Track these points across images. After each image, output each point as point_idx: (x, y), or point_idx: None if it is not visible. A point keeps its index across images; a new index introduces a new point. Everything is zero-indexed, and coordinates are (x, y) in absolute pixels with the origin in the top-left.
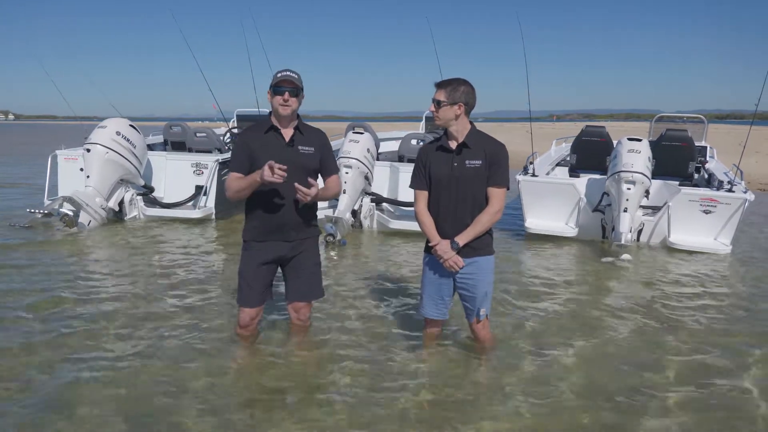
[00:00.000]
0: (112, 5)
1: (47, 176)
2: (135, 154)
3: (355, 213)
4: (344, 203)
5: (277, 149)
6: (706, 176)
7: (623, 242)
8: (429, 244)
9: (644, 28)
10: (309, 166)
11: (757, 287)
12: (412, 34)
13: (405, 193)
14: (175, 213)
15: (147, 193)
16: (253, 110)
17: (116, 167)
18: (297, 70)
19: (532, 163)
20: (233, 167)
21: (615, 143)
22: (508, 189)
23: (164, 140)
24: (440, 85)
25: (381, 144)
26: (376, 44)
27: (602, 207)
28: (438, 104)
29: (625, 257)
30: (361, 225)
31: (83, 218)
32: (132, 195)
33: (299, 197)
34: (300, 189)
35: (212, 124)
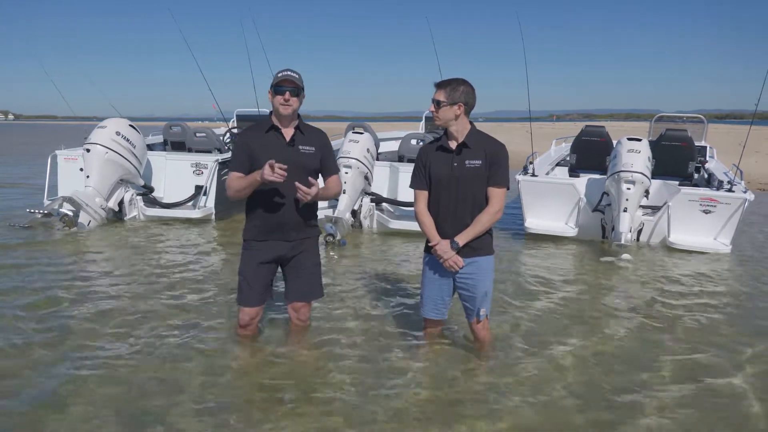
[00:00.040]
0: (112, 5)
1: (47, 176)
2: (135, 154)
3: (355, 213)
4: (344, 203)
5: (278, 149)
6: (706, 176)
7: (623, 242)
8: (429, 244)
9: (644, 28)
10: (309, 166)
11: (757, 287)
12: (412, 34)
13: (405, 193)
14: (175, 213)
15: (147, 193)
16: (253, 110)
17: (116, 167)
18: (297, 70)
19: (532, 163)
20: (233, 167)
21: (615, 143)
22: (508, 189)
23: (164, 140)
24: (440, 86)
25: (381, 144)
26: (376, 44)
27: (602, 207)
28: (438, 104)
29: (625, 257)
30: (361, 225)
31: (83, 218)
32: (132, 195)
33: (299, 196)
34: (300, 188)
35: (212, 124)
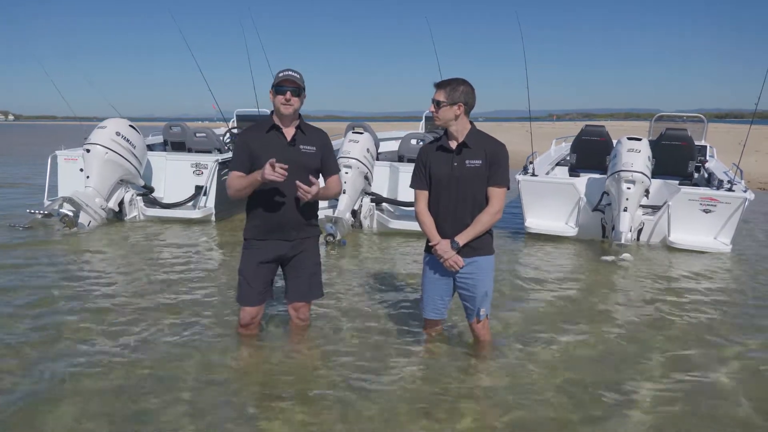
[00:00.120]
0: (112, 5)
1: (47, 177)
2: (135, 155)
3: (355, 213)
4: (344, 203)
5: (279, 148)
6: (706, 175)
7: (623, 241)
8: (429, 244)
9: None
10: (310, 166)
11: (757, 287)
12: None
13: (405, 193)
14: (175, 213)
15: (147, 194)
16: (253, 110)
17: (116, 167)
18: (298, 70)
19: (532, 163)
20: (234, 166)
21: (615, 143)
22: (509, 189)
23: (164, 140)
24: (440, 86)
25: (381, 144)
26: (376, 44)
27: (602, 206)
28: (438, 104)
29: (626, 256)
30: (361, 225)
31: (83, 219)
32: (132, 195)
33: (300, 195)
34: (301, 187)
35: (212, 124)
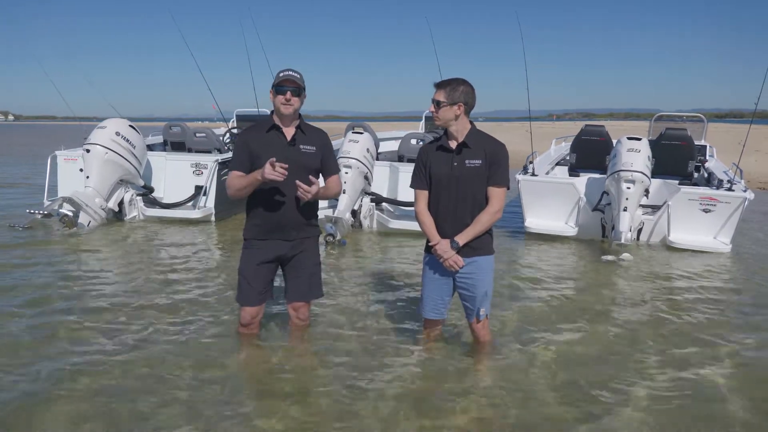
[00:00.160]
0: (112, 5)
1: (47, 177)
2: (134, 155)
3: (355, 213)
4: (344, 203)
5: (279, 148)
6: (706, 175)
7: (623, 241)
8: (429, 244)
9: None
10: (310, 166)
11: (756, 287)
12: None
13: (405, 193)
14: (175, 213)
15: (147, 194)
16: (253, 110)
17: (116, 168)
18: (298, 70)
19: (532, 163)
20: (234, 165)
21: (614, 142)
22: (508, 188)
23: (164, 140)
24: (439, 86)
25: (381, 144)
26: (376, 44)
27: (602, 206)
28: (437, 104)
29: (626, 256)
30: (361, 225)
31: (83, 219)
32: (132, 195)
33: (300, 194)
34: (301, 186)
35: (212, 125)
